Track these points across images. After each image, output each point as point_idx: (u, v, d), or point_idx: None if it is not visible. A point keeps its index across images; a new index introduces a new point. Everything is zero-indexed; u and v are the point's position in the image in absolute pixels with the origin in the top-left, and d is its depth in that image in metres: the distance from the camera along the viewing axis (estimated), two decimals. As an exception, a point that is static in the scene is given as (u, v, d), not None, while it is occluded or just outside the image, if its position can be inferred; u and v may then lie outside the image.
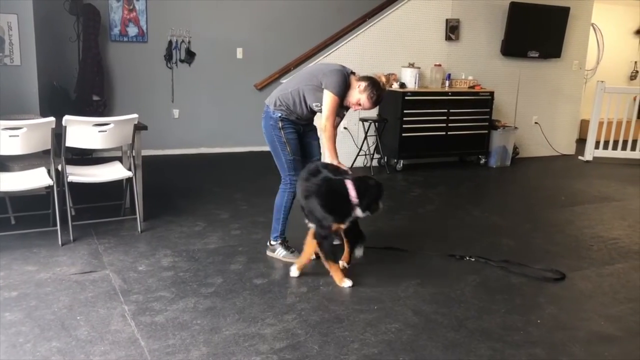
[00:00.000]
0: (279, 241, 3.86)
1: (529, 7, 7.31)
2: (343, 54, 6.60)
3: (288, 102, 3.67)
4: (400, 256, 3.96)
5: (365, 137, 6.70)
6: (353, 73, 3.67)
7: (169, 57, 6.98)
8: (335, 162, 3.60)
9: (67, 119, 3.82)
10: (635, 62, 10.20)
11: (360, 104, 3.60)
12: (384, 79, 3.62)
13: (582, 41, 8.06)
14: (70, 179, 3.97)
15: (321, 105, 3.58)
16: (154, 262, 3.70)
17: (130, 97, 6.82)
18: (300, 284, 3.44)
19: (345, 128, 6.72)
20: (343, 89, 3.55)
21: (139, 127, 4.24)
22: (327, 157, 3.65)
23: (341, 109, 3.69)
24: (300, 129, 3.78)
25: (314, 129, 3.90)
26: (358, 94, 3.57)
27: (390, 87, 3.52)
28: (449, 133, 6.91)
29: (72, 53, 6.46)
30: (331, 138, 3.59)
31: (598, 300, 3.44)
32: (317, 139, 3.91)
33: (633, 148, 7.78)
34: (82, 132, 3.93)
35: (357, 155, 6.74)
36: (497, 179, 6.83)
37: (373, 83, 3.56)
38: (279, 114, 3.69)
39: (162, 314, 2.99)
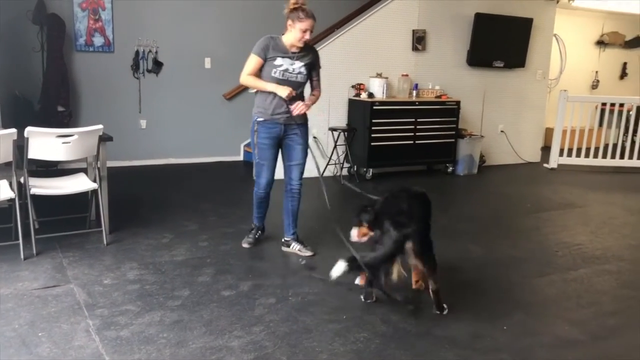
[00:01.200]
0: (290, 238, 4.18)
1: (493, 18, 7.46)
2: (311, 64, 6.63)
3: (259, 99, 3.97)
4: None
5: (335, 146, 6.72)
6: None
7: (135, 67, 6.90)
8: (278, 89, 3.80)
9: (29, 130, 3.74)
10: (596, 72, 10.48)
11: (303, 31, 3.81)
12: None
13: (545, 51, 8.25)
14: (33, 191, 3.89)
15: (277, 71, 3.85)
16: (120, 275, 3.64)
17: (97, 108, 6.72)
18: (269, 295, 3.42)
19: (315, 137, 6.73)
20: (261, 48, 3.87)
21: (104, 138, 4.18)
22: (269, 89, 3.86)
23: (277, 59, 3.85)
24: (279, 131, 3.97)
25: (298, 132, 4.01)
26: (294, 29, 3.82)
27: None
28: (416, 142, 6.98)
29: (36, 63, 6.34)
30: (252, 80, 3.91)
31: (562, 305, 3.50)
32: (301, 143, 4.04)
33: (596, 155, 7.97)
34: (45, 143, 3.85)
35: (327, 164, 6.75)
36: (464, 187, 6.92)
37: (292, 12, 3.84)
38: (256, 117, 3.97)
39: (128, 328, 2.94)
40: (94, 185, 4.18)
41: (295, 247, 4.15)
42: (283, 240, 4.22)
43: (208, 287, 3.51)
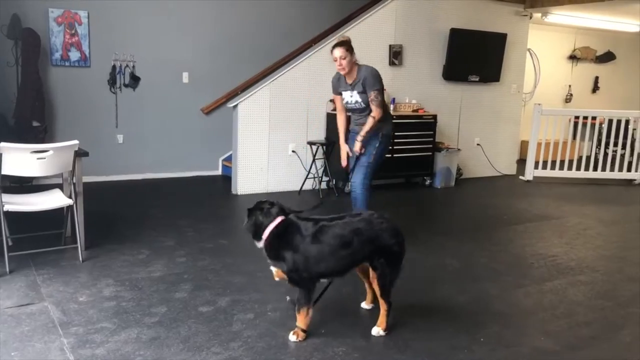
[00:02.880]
0: None
1: (468, 33, 7.59)
2: (289, 79, 6.67)
3: None
4: (346, 278, 3.98)
5: (314, 160, 6.74)
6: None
7: (112, 81, 6.85)
8: (342, 152, 4.69)
9: (3, 145, 3.69)
10: (570, 86, 10.70)
11: (335, 60, 4.42)
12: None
13: (520, 66, 8.41)
14: (7, 208, 3.83)
15: (345, 104, 4.60)
16: (96, 292, 3.59)
17: (73, 123, 6.65)
18: (247, 311, 3.40)
19: (293, 151, 6.76)
20: (333, 87, 4.70)
21: (79, 154, 4.14)
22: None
23: (342, 93, 4.57)
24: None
25: (368, 139, 4.48)
26: None
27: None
28: (394, 155, 7.03)
29: (10, 78, 6.26)
30: (339, 126, 4.70)
31: (538, 317, 3.54)
32: (367, 148, 4.49)
33: (570, 168, 8.11)
34: (20, 159, 3.80)
35: (306, 178, 6.77)
36: (441, 200, 6.98)
37: None
38: None
39: (103, 346, 2.90)
40: (70, 201, 4.13)
41: None
42: None
43: (185, 303, 3.48)
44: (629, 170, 8.18)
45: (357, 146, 4.44)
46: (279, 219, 3.03)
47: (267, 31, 7.63)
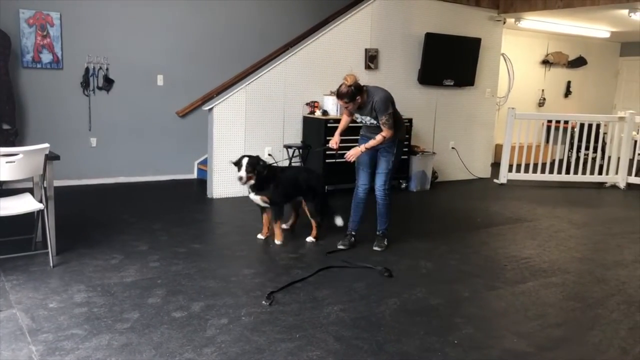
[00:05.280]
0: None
1: (443, 38, 7.66)
2: (266, 82, 6.66)
3: None
4: (322, 281, 3.99)
5: (290, 164, 6.73)
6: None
7: (85, 84, 6.76)
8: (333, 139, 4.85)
9: (-30, 149, 3.62)
10: (543, 90, 10.87)
11: (341, 105, 4.68)
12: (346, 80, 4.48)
13: (494, 70, 8.51)
14: (-26, 213, 3.75)
15: (360, 121, 4.78)
16: (67, 298, 3.53)
17: (45, 126, 6.54)
18: (221, 315, 3.38)
19: (269, 154, 6.74)
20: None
21: (50, 157, 4.07)
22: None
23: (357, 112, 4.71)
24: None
25: (385, 147, 4.66)
26: None
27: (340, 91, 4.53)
28: (370, 159, 7.05)
29: (-21, 80, 6.14)
30: (341, 123, 4.95)
31: (511, 318, 3.58)
32: (385, 156, 4.68)
33: (543, 171, 8.24)
34: (-12, 163, 3.73)
35: (281, 182, 6.75)
36: (417, 203, 7.02)
37: None
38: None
39: (74, 353, 2.85)
40: (40, 206, 4.06)
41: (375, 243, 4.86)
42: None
43: (158, 308, 3.44)
44: (600, 173, 8.33)
45: (351, 155, 4.65)
46: None
47: (243, 34, 7.61)
